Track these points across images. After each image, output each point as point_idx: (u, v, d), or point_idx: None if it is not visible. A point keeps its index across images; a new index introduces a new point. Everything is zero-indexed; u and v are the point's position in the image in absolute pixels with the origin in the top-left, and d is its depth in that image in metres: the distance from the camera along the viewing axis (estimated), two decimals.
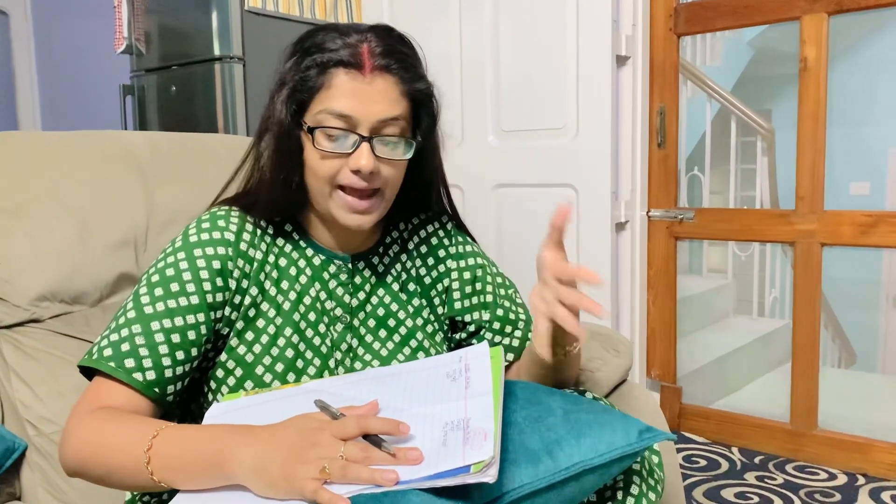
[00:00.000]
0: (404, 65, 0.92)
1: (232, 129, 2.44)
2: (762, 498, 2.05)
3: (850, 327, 4.07)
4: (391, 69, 0.91)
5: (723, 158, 3.68)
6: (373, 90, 0.90)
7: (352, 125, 0.89)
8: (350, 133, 0.90)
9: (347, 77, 0.89)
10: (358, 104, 0.89)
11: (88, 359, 0.87)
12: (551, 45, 2.34)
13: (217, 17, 2.45)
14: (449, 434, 0.73)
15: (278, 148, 0.93)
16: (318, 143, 0.90)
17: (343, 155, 0.90)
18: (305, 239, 1.01)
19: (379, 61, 0.90)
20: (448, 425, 0.75)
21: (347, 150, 0.90)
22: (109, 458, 0.80)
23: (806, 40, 2.18)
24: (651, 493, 0.91)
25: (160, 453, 0.78)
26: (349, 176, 0.91)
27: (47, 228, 1.19)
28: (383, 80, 0.90)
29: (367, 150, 0.90)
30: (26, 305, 1.16)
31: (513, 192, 2.48)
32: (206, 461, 0.76)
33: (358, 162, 0.89)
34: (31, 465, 1.11)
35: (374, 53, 0.90)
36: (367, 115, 0.89)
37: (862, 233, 2.15)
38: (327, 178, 0.91)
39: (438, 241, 1.10)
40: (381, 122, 0.90)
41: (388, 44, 0.92)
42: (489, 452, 0.68)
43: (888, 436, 2.20)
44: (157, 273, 0.90)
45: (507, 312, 1.10)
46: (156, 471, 0.77)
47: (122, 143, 1.35)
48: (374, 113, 0.90)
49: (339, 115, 0.89)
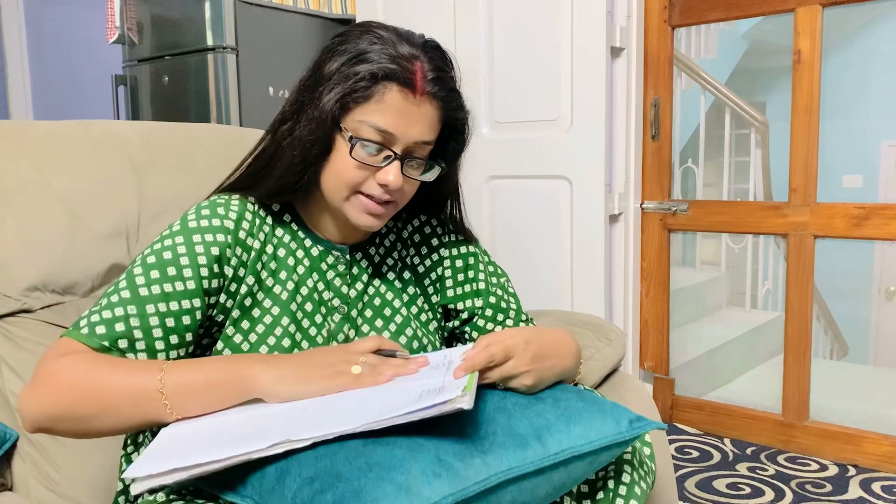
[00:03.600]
0: (451, 93, 0.95)
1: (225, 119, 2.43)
2: (754, 489, 2.06)
3: (842, 319, 4.09)
4: (438, 96, 0.93)
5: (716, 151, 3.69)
6: (419, 113, 0.91)
7: (389, 142, 0.91)
8: (384, 148, 0.91)
9: (400, 95, 0.90)
10: (402, 123, 0.90)
11: (77, 332, 0.85)
12: (545, 36, 2.33)
13: (210, 7, 2.43)
14: (424, 394, 0.77)
15: (310, 140, 0.92)
16: (355, 153, 0.91)
17: (373, 167, 0.92)
18: (304, 229, 1.01)
19: (431, 87, 0.92)
20: (424, 392, 0.78)
21: (379, 163, 0.92)
22: (109, 393, 0.80)
23: (800, 32, 2.18)
24: (642, 483, 0.91)
25: (173, 379, 0.81)
26: (374, 187, 0.93)
27: (38, 218, 1.18)
28: (430, 105, 0.93)
29: (396, 169, 0.92)
30: (17, 296, 1.15)
31: (507, 183, 2.48)
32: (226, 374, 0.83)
33: (386, 177, 0.91)
34: (22, 455, 1.11)
35: (426, 78, 0.91)
36: (407, 136, 0.91)
37: (854, 225, 2.16)
38: (352, 185, 0.93)
39: (431, 229, 1.11)
40: (416, 144, 0.93)
41: (439, 67, 0.93)
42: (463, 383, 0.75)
43: (879, 427, 2.21)
44: (154, 255, 0.90)
45: (499, 300, 1.10)
46: (170, 396, 0.80)
47: (113, 133, 1.34)
48: (413, 134, 0.92)
49: (380, 130, 0.90)
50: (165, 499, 0.81)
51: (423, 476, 0.69)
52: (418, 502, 0.66)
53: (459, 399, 0.72)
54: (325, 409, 0.79)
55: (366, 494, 0.66)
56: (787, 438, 2.32)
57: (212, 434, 0.78)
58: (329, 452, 0.71)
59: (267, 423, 0.77)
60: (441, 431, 0.75)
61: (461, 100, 0.97)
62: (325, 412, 0.78)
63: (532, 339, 0.89)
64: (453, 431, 0.76)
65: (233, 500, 0.75)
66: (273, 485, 0.71)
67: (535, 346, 0.88)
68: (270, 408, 0.82)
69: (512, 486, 0.74)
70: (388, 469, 0.68)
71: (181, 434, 0.79)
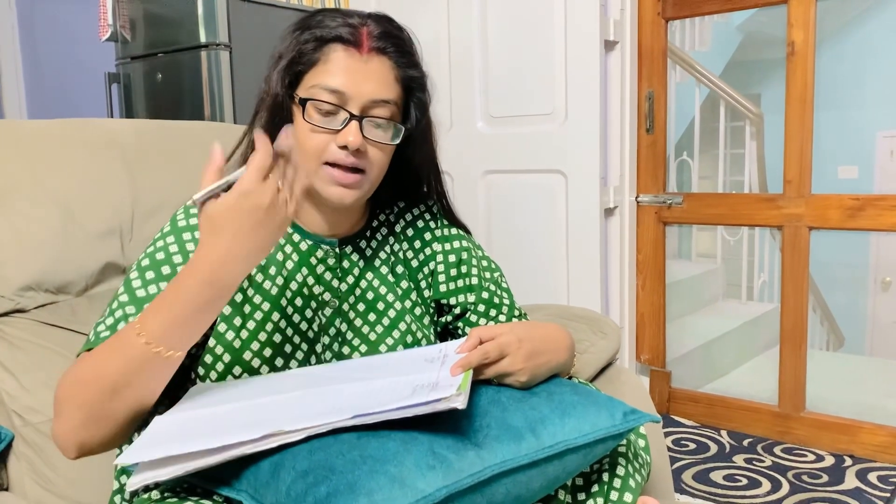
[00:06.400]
0: (400, 50, 0.95)
1: (219, 116, 2.42)
2: (750, 480, 2.07)
3: (837, 310, 4.10)
4: (387, 52, 0.93)
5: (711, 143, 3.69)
6: (368, 69, 0.92)
7: (343, 101, 0.91)
8: (340, 110, 0.91)
9: (345, 54, 0.91)
10: (351, 81, 0.91)
11: (87, 344, 0.87)
12: (539, 30, 2.33)
13: (203, 4, 2.42)
14: (417, 389, 0.76)
15: (270, 119, 0.94)
16: (308, 115, 0.91)
17: (332, 131, 0.91)
18: (292, 224, 1.01)
19: (376, 43, 0.92)
20: (418, 387, 0.77)
21: (337, 126, 0.91)
22: (109, 374, 0.79)
23: (793, 24, 2.18)
24: (637, 475, 0.91)
25: (152, 327, 0.78)
26: (336, 152, 0.92)
27: (31, 217, 1.18)
28: (379, 61, 0.93)
29: (355, 128, 0.91)
30: (11, 295, 1.15)
31: (502, 178, 2.48)
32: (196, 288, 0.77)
33: (346, 138, 0.90)
34: (17, 455, 1.11)
35: (372, 35, 0.92)
36: (360, 94, 0.91)
37: (849, 216, 2.16)
38: (315, 153, 0.92)
39: (424, 223, 1.10)
40: (373, 103, 0.92)
41: (386, 29, 0.94)
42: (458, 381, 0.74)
43: (875, 417, 2.22)
44: (148, 258, 0.91)
45: (491, 296, 1.10)
46: (155, 340, 0.77)
47: (105, 131, 1.34)
48: (366, 92, 0.91)
49: (331, 91, 0.91)
50: (160, 496, 0.81)
51: (416, 468, 0.69)
52: (412, 494, 0.66)
53: (454, 398, 0.72)
54: (317, 400, 0.79)
55: (360, 487, 0.66)
56: (784, 430, 2.33)
57: (203, 423, 0.78)
58: (323, 446, 0.71)
59: (259, 414, 0.77)
60: (435, 424, 0.75)
61: (415, 59, 0.97)
62: (318, 404, 0.78)
63: (526, 336, 0.89)
64: (447, 424, 0.76)
65: (228, 494, 0.75)
66: (267, 478, 0.71)
67: (528, 345, 0.88)
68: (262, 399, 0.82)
69: (506, 479, 0.75)
70: (382, 461, 0.68)
71: (171, 423, 0.80)
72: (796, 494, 1.97)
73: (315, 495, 0.66)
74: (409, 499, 0.66)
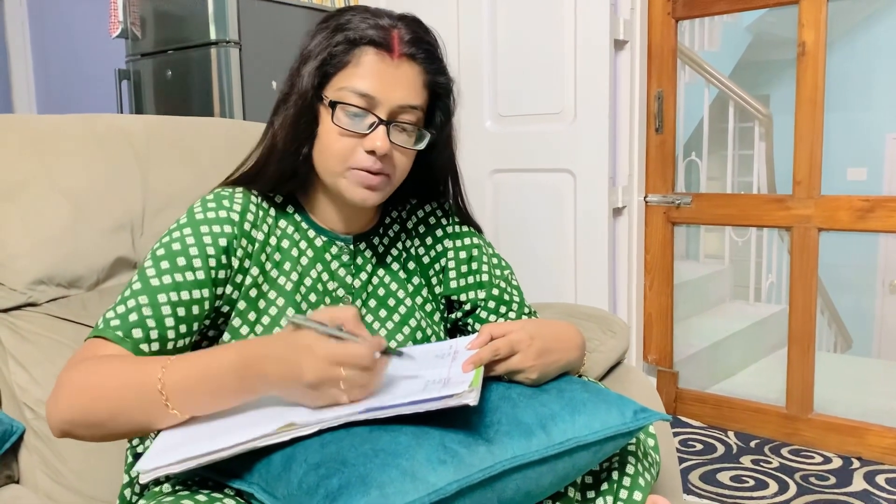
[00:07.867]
0: (430, 56, 0.95)
1: (228, 113, 2.43)
2: (758, 481, 2.06)
3: (845, 312, 4.09)
4: (417, 58, 0.93)
5: (720, 144, 3.68)
6: (398, 74, 0.92)
7: (371, 106, 0.91)
8: (368, 114, 0.91)
9: (376, 58, 0.91)
10: (381, 86, 0.91)
11: (96, 330, 0.87)
12: (549, 29, 2.33)
13: (213, 1, 2.43)
14: (429, 385, 0.76)
15: (296, 118, 0.93)
16: (337, 118, 0.91)
17: (359, 135, 0.91)
18: (307, 220, 1.01)
19: (407, 49, 0.92)
20: (430, 382, 0.77)
21: (364, 130, 0.91)
22: (116, 397, 0.79)
23: (804, 24, 2.18)
24: (646, 474, 0.91)
25: (174, 379, 0.78)
26: (364, 158, 0.92)
27: (42, 213, 1.18)
28: (409, 67, 0.93)
29: (382, 133, 0.91)
30: (22, 289, 1.16)
31: (510, 177, 2.48)
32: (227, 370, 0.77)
33: (373, 143, 0.90)
34: (29, 448, 1.11)
35: (403, 40, 0.92)
36: (389, 99, 0.91)
37: (859, 218, 2.15)
38: (341, 156, 0.92)
39: (436, 220, 1.11)
40: (401, 108, 0.92)
41: (417, 33, 0.94)
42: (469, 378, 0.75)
43: (883, 420, 2.21)
44: (163, 248, 0.91)
45: (501, 293, 1.10)
46: (171, 396, 0.78)
47: (117, 127, 1.34)
48: (395, 98, 0.91)
49: (361, 94, 0.90)
50: (171, 490, 0.82)
51: (428, 462, 0.69)
52: (424, 488, 0.67)
53: (466, 394, 0.72)
54: None
55: (371, 479, 0.66)
56: (791, 431, 2.32)
57: (218, 423, 0.78)
58: (335, 439, 0.72)
59: (272, 411, 0.78)
60: (446, 419, 0.75)
61: (442, 65, 0.98)
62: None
63: (537, 333, 0.89)
64: (458, 420, 0.76)
65: (239, 487, 0.76)
66: (279, 471, 0.72)
67: (539, 342, 0.88)
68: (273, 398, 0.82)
69: (516, 475, 0.75)
70: (394, 455, 0.69)
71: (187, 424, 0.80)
72: (804, 496, 1.96)
73: (327, 487, 0.66)
74: (421, 492, 0.66)
